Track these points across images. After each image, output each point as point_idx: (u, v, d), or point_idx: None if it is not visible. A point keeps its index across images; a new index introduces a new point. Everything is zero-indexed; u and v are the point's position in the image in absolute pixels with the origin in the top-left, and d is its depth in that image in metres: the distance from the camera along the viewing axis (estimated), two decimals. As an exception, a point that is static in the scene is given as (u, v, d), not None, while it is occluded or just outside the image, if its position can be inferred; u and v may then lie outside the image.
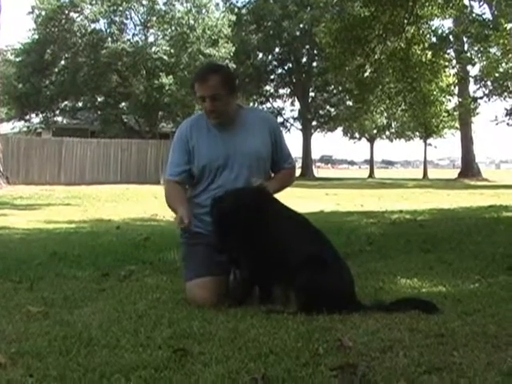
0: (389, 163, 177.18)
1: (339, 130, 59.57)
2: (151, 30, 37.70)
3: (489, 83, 34.25)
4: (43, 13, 35.51)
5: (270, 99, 54.50)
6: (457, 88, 28.81)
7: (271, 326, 3.41)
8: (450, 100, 25.78)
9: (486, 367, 2.67)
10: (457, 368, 2.66)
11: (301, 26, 47.15)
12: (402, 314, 3.61)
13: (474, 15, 18.83)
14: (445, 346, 3.00)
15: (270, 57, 51.41)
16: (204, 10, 36.65)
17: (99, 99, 39.40)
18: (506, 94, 34.61)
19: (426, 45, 17.28)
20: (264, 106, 52.82)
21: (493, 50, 19.32)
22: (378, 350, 2.94)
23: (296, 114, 54.88)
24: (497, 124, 37.63)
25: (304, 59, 51.35)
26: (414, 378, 2.54)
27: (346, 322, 3.49)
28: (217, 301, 4.02)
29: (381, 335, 3.20)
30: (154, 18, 36.56)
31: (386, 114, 46.63)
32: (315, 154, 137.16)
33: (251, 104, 47.00)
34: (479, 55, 21.16)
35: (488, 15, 19.91)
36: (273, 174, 4.57)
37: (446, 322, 3.44)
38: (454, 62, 22.15)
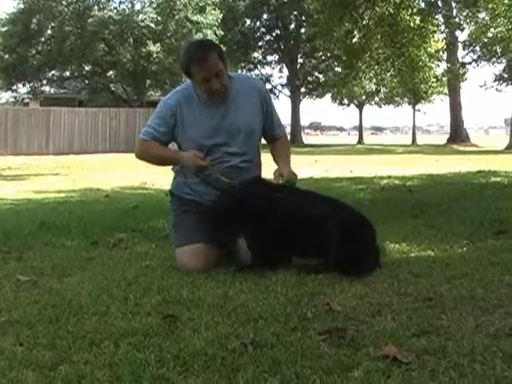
0: (378, 129, 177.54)
1: (328, 96, 59.55)
2: (138, -2, 37.30)
3: (477, 48, 34.14)
4: (28, -19, 35.03)
5: (258, 66, 54.38)
6: (445, 53, 28.68)
7: (260, 292, 3.42)
8: (438, 65, 25.73)
9: (474, 330, 2.68)
10: (445, 331, 2.68)
11: (289, -9, 46.89)
12: (391, 278, 3.63)
13: (462, -21, 18.70)
14: (433, 309, 3.01)
15: (257, 23, 51.09)
16: (191, -24, 36.24)
17: (86, 68, 39.12)
18: (494, 59, 34.55)
19: (415, 10, 17.16)
20: (252, 72, 52.68)
21: (481, 15, 19.18)
22: (366, 314, 2.96)
23: (284, 81, 54.96)
24: (485, 89, 37.59)
25: (292, 25, 51.10)
26: (402, 342, 2.55)
27: (335, 286, 3.50)
28: (206, 267, 4.02)
29: (369, 299, 3.22)
30: (141, -15, 36.20)
31: (374, 80, 46.49)
32: (304, 121, 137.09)
33: (239, 71, 46.63)
34: (468, 20, 20.99)
35: (477, -21, 19.77)
36: (264, 141, 4.57)
37: (434, 285, 3.45)
38: (443, 27, 22.01)
